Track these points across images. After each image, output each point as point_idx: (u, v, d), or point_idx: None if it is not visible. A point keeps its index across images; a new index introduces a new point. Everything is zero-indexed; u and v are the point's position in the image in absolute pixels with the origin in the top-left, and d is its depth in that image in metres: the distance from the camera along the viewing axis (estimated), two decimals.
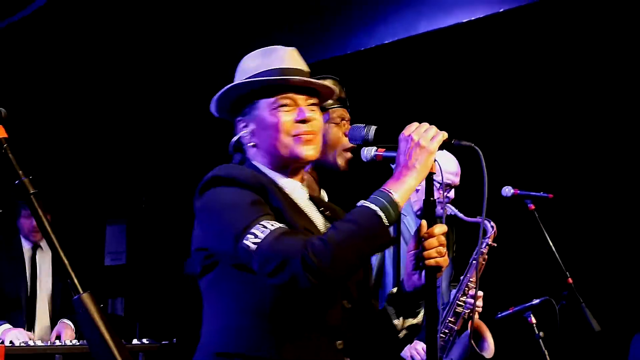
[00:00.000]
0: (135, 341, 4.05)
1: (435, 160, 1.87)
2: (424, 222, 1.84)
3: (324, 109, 2.62)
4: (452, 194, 3.51)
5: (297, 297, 1.74)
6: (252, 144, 1.92)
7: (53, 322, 4.41)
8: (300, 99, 1.91)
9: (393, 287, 2.03)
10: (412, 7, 4.72)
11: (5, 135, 1.49)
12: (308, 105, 1.91)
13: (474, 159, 1.87)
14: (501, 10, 4.34)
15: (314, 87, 1.94)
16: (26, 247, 4.50)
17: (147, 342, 4.05)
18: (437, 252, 1.81)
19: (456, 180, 3.51)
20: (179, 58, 5.52)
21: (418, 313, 1.93)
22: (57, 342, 3.92)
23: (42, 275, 4.47)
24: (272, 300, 1.74)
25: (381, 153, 1.97)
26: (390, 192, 1.73)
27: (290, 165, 1.92)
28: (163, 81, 5.70)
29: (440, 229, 1.83)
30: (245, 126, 1.93)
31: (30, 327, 4.35)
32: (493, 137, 4.63)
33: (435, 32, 4.61)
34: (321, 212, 1.95)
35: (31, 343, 3.88)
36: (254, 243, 1.68)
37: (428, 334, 1.83)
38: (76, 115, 5.90)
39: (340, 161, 2.57)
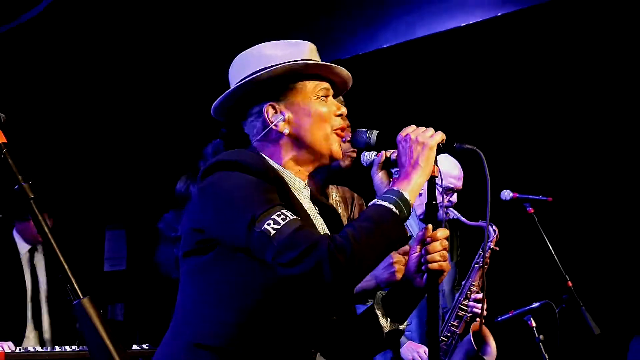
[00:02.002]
0: (134, 347, 4.04)
1: (435, 163, 1.88)
2: (429, 227, 1.83)
3: None
4: (454, 198, 3.52)
5: (301, 294, 1.70)
6: (287, 131, 1.83)
7: (52, 322, 4.41)
8: (332, 92, 1.91)
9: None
10: (411, 11, 4.73)
11: (5, 140, 1.49)
12: None
13: (475, 163, 1.87)
14: (499, 14, 4.35)
15: (347, 84, 1.94)
16: (24, 249, 4.51)
17: (147, 347, 4.04)
18: (441, 256, 1.81)
19: (459, 184, 3.52)
20: (180, 65, 5.52)
21: (406, 319, 1.91)
22: (57, 348, 3.90)
23: (40, 276, 4.50)
24: (262, 300, 1.69)
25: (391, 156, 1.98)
26: (400, 190, 1.71)
27: (317, 160, 1.88)
28: (164, 87, 5.70)
29: (443, 232, 1.82)
30: (277, 113, 1.85)
31: (38, 326, 4.34)
32: (492, 140, 4.63)
33: (434, 36, 4.62)
34: (320, 214, 1.93)
35: (31, 349, 3.87)
36: (273, 229, 1.61)
37: (430, 337, 1.83)
38: (76, 121, 5.90)
39: (346, 161, 2.64)
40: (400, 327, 1.90)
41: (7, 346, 3.83)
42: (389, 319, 1.88)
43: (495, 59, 4.68)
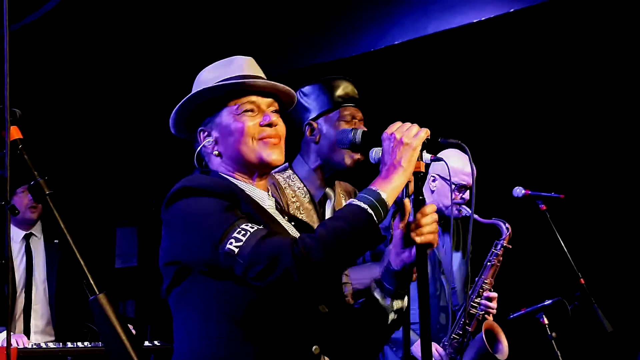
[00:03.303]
0: (146, 343, 4.05)
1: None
2: (407, 201, 1.84)
3: (336, 107, 2.65)
4: (467, 195, 3.51)
5: (277, 299, 1.72)
6: (216, 152, 1.92)
7: (51, 307, 4.35)
8: (264, 103, 1.93)
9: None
10: (421, 8, 4.72)
11: (21, 136, 1.49)
12: (271, 111, 1.93)
13: (487, 160, 1.86)
14: (511, 10, 4.34)
15: (275, 90, 1.95)
16: (19, 237, 4.37)
17: (159, 343, 4.06)
18: (429, 230, 1.82)
19: (470, 181, 3.51)
20: (189, 64, 5.52)
21: (404, 295, 1.91)
22: (69, 344, 3.92)
23: (36, 263, 4.39)
24: (247, 307, 1.73)
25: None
26: (378, 191, 1.74)
27: (255, 170, 1.92)
28: (173, 87, 5.70)
29: (431, 208, 1.84)
30: (208, 135, 1.93)
31: (26, 315, 4.27)
32: (503, 137, 4.62)
33: (445, 33, 4.60)
34: (288, 222, 1.95)
35: (43, 345, 3.89)
36: (236, 247, 1.67)
37: (421, 309, 1.82)
38: (87, 120, 5.92)
39: (348, 160, 2.63)
40: (402, 304, 1.90)
41: (21, 341, 3.84)
42: (388, 298, 1.89)
43: (507, 56, 4.67)
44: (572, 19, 4.36)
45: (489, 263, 3.51)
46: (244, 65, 1.96)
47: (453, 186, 3.46)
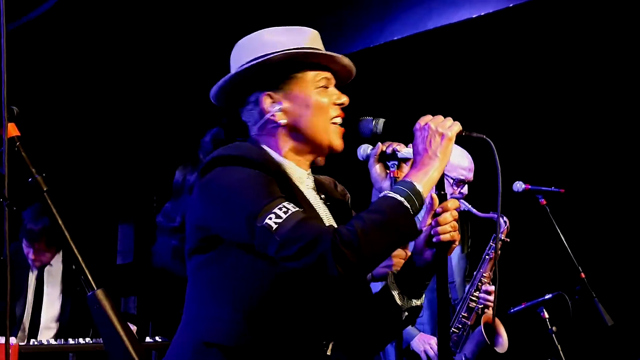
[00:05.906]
0: (148, 339, 4.06)
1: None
2: (434, 196, 1.81)
3: None
4: (465, 189, 3.51)
5: (307, 289, 1.67)
6: (283, 122, 1.80)
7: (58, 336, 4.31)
8: (332, 82, 1.87)
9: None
10: (421, 3, 4.71)
11: (18, 134, 1.49)
12: None
13: (485, 154, 1.86)
14: (511, 5, 4.33)
15: (349, 73, 1.90)
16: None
17: (160, 340, 4.06)
18: (452, 227, 1.79)
19: (469, 175, 3.51)
20: (189, 59, 5.53)
21: (422, 294, 1.88)
22: (71, 340, 3.92)
23: (48, 292, 4.34)
24: (269, 296, 1.66)
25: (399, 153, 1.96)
26: (413, 182, 1.68)
27: (315, 153, 1.85)
28: (174, 82, 5.71)
29: (453, 203, 1.81)
30: (274, 102, 1.82)
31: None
32: (504, 132, 4.61)
33: (445, 28, 4.59)
34: (324, 204, 1.89)
35: (44, 341, 3.90)
36: (275, 223, 1.58)
37: (440, 306, 1.82)
38: (87, 116, 5.92)
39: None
40: (418, 302, 1.87)
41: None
42: (405, 297, 1.85)
43: (507, 51, 4.66)
44: (573, 13, 4.36)
45: (487, 257, 3.52)
46: (318, 39, 1.88)
47: (451, 180, 3.46)
